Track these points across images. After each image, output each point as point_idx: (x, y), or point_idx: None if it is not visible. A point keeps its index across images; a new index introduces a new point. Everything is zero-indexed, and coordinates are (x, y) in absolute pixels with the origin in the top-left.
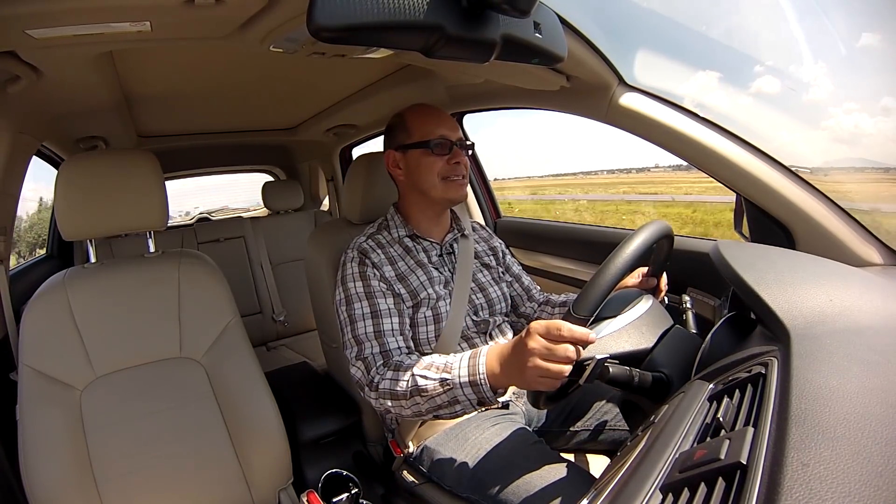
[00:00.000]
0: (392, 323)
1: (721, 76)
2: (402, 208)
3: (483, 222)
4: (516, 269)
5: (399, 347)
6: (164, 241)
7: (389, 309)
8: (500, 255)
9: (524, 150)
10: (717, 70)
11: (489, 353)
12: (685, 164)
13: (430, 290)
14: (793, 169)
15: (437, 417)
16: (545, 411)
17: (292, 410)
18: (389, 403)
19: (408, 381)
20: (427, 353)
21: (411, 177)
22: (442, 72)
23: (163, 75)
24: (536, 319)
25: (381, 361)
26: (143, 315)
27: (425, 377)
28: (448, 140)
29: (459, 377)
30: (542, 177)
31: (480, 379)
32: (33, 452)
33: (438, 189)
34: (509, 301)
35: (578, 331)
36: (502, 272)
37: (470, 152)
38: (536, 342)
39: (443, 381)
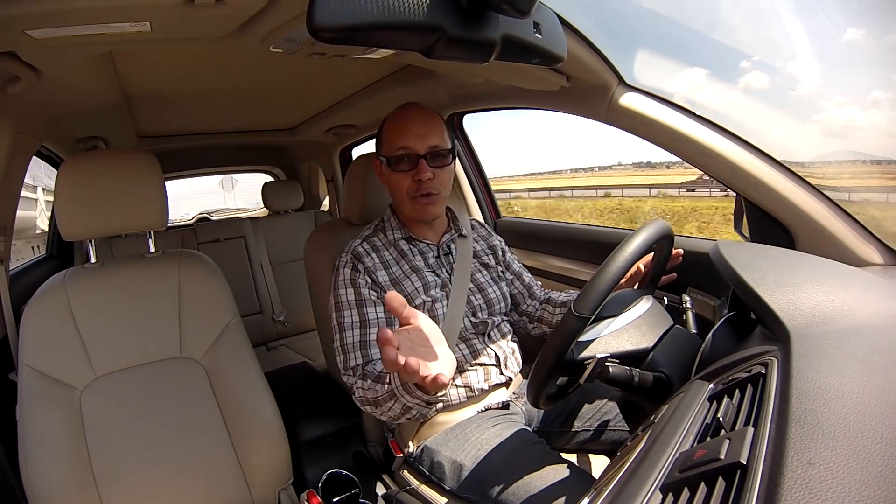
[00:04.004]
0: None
1: (709, 72)
2: (397, 211)
3: (482, 221)
4: (517, 266)
5: None
6: (164, 241)
7: (378, 318)
8: (500, 253)
9: (498, 151)
10: (706, 66)
11: None
12: (645, 162)
13: (425, 297)
14: (785, 164)
15: (412, 418)
16: (545, 411)
17: (292, 410)
18: (370, 409)
19: (371, 389)
20: None
21: (389, 188)
22: (442, 72)
23: (163, 75)
24: (538, 318)
25: (361, 373)
26: (143, 315)
27: (375, 390)
28: (412, 153)
29: (396, 386)
30: (510, 176)
31: (409, 385)
32: (33, 452)
33: (407, 206)
34: (509, 301)
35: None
36: (502, 271)
37: (451, 158)
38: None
39: (389, 392)
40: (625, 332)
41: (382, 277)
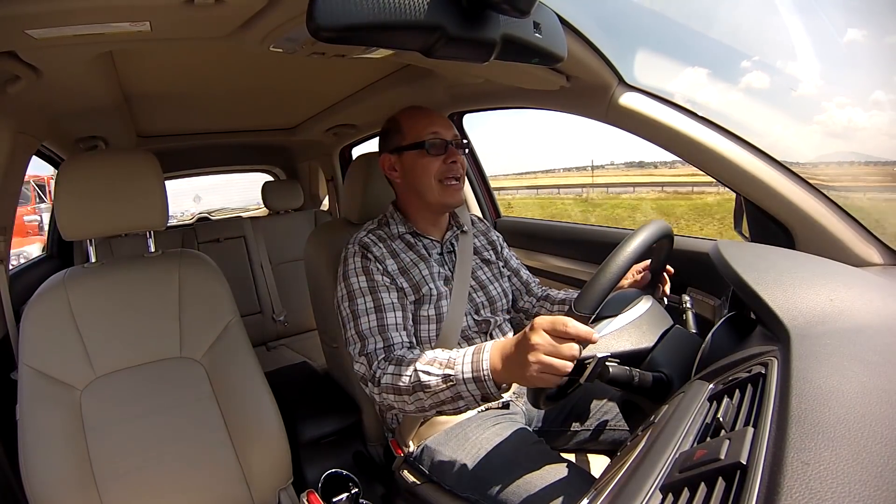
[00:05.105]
0: (395, 317)
1: (710, 72)
2: (401, 207)
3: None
4: (514, 263)
5: (402, 342)
6: (164, 241)
7: (393, 303)
8: (499, 248)
9: (491, 150)
10: (706, 66)
11: (492, 349)
12: (637, 162)
13: (432, 285)
14: (786, 164)
15: (439, 413)
16: (545, 411)
17: (292, 410)
18: (392, 398)
19: (410, 376)
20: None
21: (407, 179)
22: (442, 72)
23: (163, 75)
24: (535, 314)
25: (384, 356)
26: (144, 315)
27: (428, 373)
28: (442, 139)
29: (463, 373)
30: (506, 175)
31: (484, 375)
32: (33, 452)
33: (435, 192)
34: (510, 297)
35: (583, 329)
36: (502, 266)
37: (466, 151)
38: (541, 337)
39: (446, 378)
40: (625, 331)
41: (392, 266)
